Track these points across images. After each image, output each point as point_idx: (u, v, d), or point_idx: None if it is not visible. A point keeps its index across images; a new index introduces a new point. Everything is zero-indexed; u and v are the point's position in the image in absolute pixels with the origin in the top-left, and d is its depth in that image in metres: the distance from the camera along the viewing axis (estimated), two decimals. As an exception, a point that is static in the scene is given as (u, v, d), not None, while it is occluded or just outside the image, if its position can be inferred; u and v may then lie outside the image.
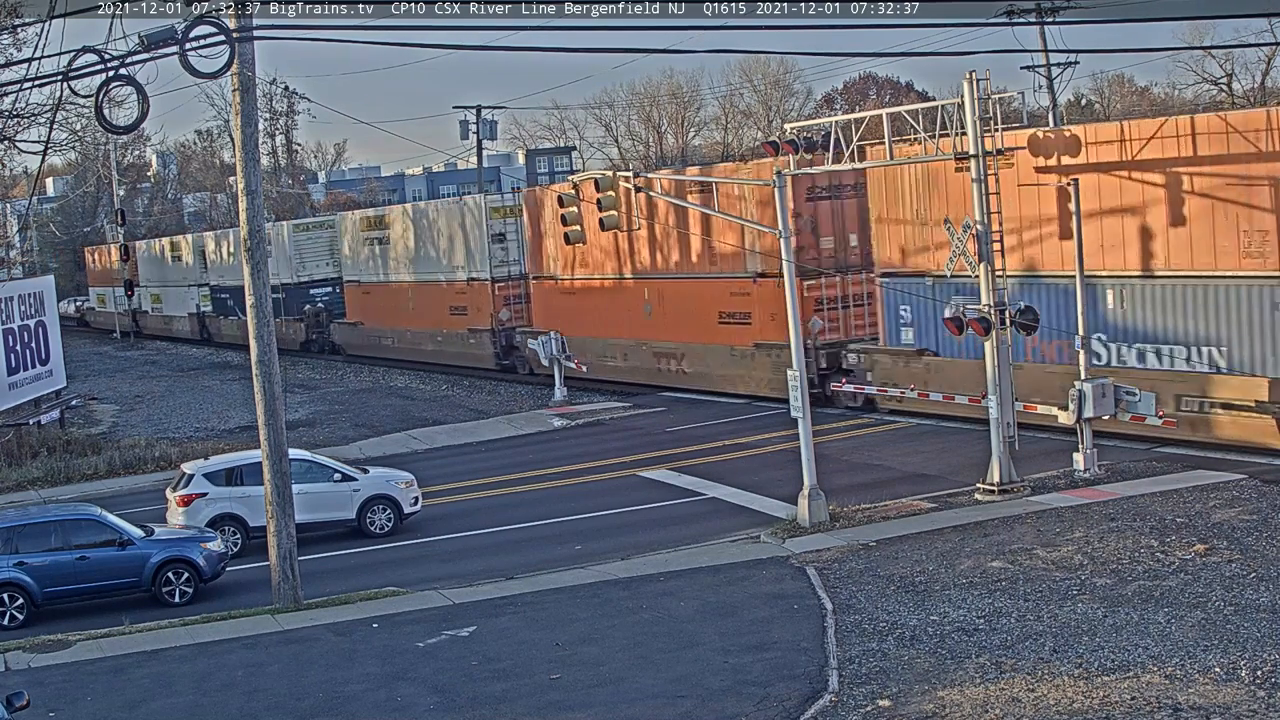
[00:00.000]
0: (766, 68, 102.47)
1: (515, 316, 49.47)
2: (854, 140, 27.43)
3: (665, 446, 34.13)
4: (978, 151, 25.12)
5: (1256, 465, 25.46)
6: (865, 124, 27.41)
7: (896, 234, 33.38)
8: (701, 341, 39.84)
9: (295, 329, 64.82)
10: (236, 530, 26.45)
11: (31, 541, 23.25)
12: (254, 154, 22.01)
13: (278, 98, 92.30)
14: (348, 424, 42.49)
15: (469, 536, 27.06)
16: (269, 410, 22.00)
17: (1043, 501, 24.25)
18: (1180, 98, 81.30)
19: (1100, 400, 25.68)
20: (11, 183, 70.31)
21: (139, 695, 18.14)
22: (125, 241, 79.48)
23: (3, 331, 38.79)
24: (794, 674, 16.72)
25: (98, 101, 18.80)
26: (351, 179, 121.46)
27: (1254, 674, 15.23)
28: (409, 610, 21.08)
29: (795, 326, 25.13)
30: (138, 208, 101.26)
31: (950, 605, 18.82)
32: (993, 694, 15.37)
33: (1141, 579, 19.23)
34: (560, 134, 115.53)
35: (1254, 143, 25.55)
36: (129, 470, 36.36)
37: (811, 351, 34.60)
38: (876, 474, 28.63)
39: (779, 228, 25.28)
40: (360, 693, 17.47)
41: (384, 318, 58.69)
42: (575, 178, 31.23)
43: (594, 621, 19.75)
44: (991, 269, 25.14)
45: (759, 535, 24.21)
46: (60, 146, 68.37)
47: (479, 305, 50.57)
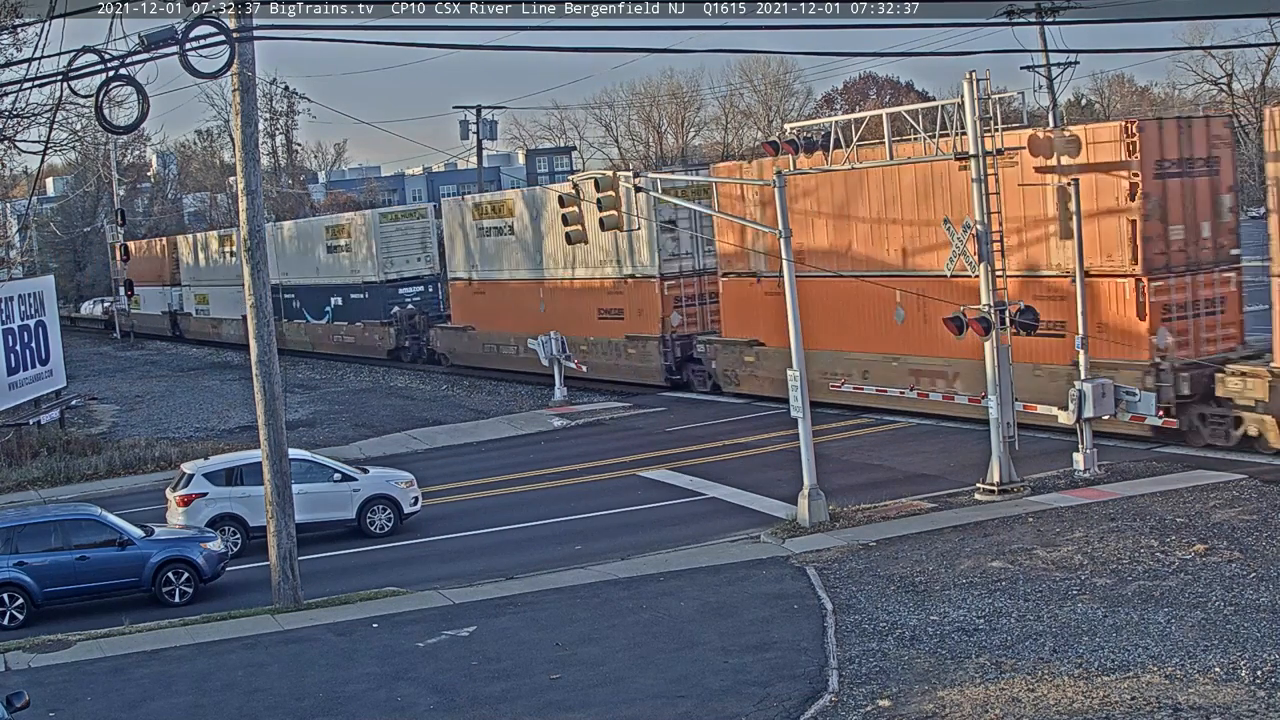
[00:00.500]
0: (766, 68, 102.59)
1: (688, 321, 41.51)
2: (854, 140, 27.44)
3: (665, 446, 34.13)
4: (978, 151, 25.13)
5: (1256, 465, 25.46)
6: (865, 124, 27.41)
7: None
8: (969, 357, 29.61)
9: (382, 334, 57.31)
10: (236, 530, 26.45)
11: (31, 541, 23.25)
12: (254, 154, 22.01)
13: (278, 98, 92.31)
14: (348, 424, 42.48)
15: (469, 536, 27.07)
16: (269, 410, 22.00)
17: (1043, 501, 24.25)
18: (1180, 98, 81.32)
19: (1100, 400, 25.69)
20: (11, 183, 70.17)
21: (139, 695, 18.14)
22: (123, 241, 78.77)
23: (3, 331, 38.80)
24: (794, 674, 16.72)
25: (98, 101, 18.79)
26: (351, 179, 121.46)
27: (1254, 674, 15.23)
28: (409, 610, 21.07)
29: (795, 325, 25.15)
30: (138, 208, 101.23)
31: (950, 605, 18.82)
32: (993, 694, 15.37)
33: (1141, 579, 19.23)
34: (560, 134, 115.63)
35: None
36: (129, 470, 36.37)
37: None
38: (876, 474, 28.63)
39: (778, 227, 25.25)
40: (360, 693, 17.47)
41: (503, 321, 49.20)
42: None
43: (594, 621, 19.75)
44: (991, 269, 25.15)
45: (759, 535, 24.22)
46: (60, 146, 68.31)
47: (641, 307, 41.86)
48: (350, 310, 59.66)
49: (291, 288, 64.36)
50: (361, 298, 58.09)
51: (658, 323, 41.29)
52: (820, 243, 34.63)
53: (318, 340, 62.97)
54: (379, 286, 57.15)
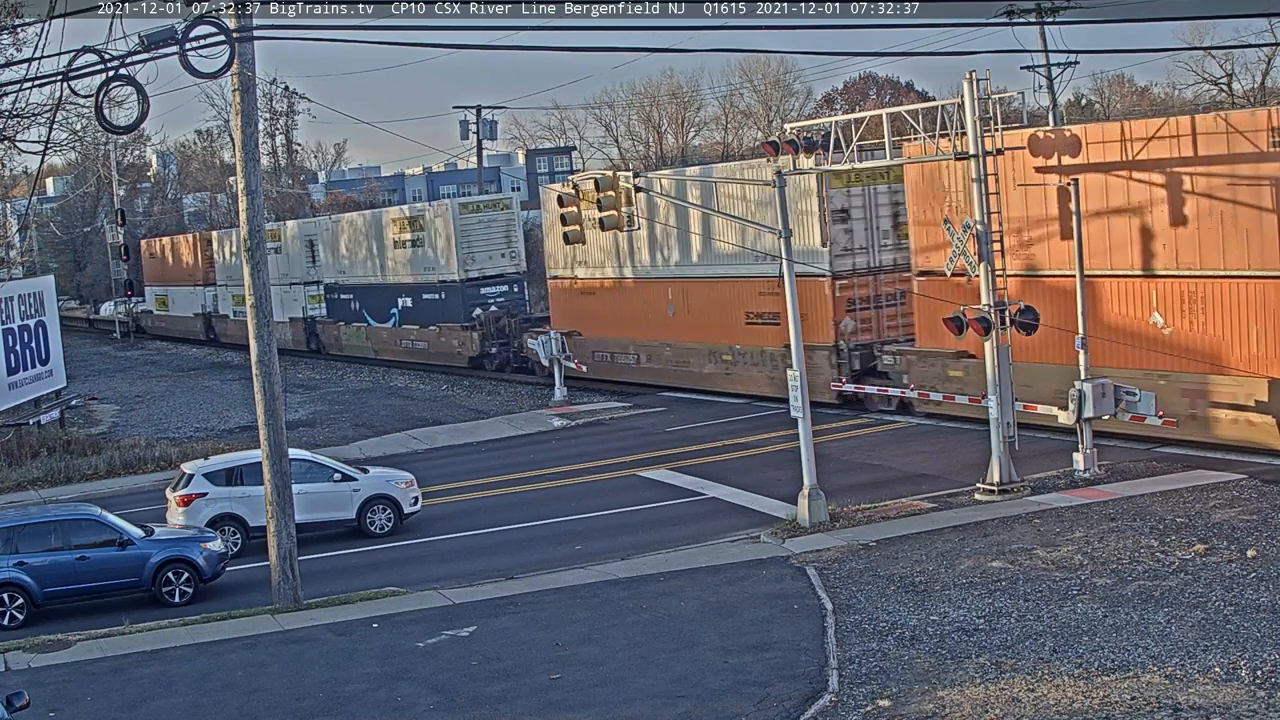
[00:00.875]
0: (766, 68, 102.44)
1: (862, 327, 35.22)
2: (854, 140, 27.44)
3: (665, 446, 34.13)
4: (978, 151, 25.14)
5: (1257, 465, 25.46)
6: (865, 124, 27.41)
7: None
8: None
9: (464, 340, 50.62)
10: (236, 530, 26.45)
11: (31, 541, 23.26)
12: (254, 154, 22.01)
13: (278, 98, 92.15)
14: (348, 424, 42.49)
15: (469, 536, 27.07)
16: (269, 410, 21.99)
17: (1043, 501, 24.25)
18: (1180, 98, 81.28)
19: (1100, 400, 25.69)
20: (11, 183, 70.04)
21: (139, 695, 18.14)
22: (125, 239, 78.65)
23: (3, 331, 38.81)
24: (794, 674, 16.72)
25: (98, 101, 18.79)
26: (351, 179, 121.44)
27: (1254, 674, 15.22)
28: (409, 610, 21.07)
29: (795, 326, 25.16)
30: (138, 208, 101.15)
31: (950, 605, 18.82)
32: (993, 694, 15.36)
33: (1141, 579, 19.23)
34: (560, 134, 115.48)
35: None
36: (129, 470, 36.38)
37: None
38: (876, 474, 28.63)
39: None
40: (360, 693, 17.47)
41: (619, 327, 43.18)
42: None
43: (594, 621, 19.75)
44: (991, 269, 25.15)
45: (759, 535, 24.21)
46: (60, 146, 68.12)
47: (805, 311, 32.22)
48: (422, 312, 53.80)
49: (349, 287, 59.15)
50: (436, 298, 52.31)
51: (828, 328, 34.98)
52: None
53: (382, 346, 57.43)
54: (458, 286, 51.14)
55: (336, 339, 60.80)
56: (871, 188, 34.91)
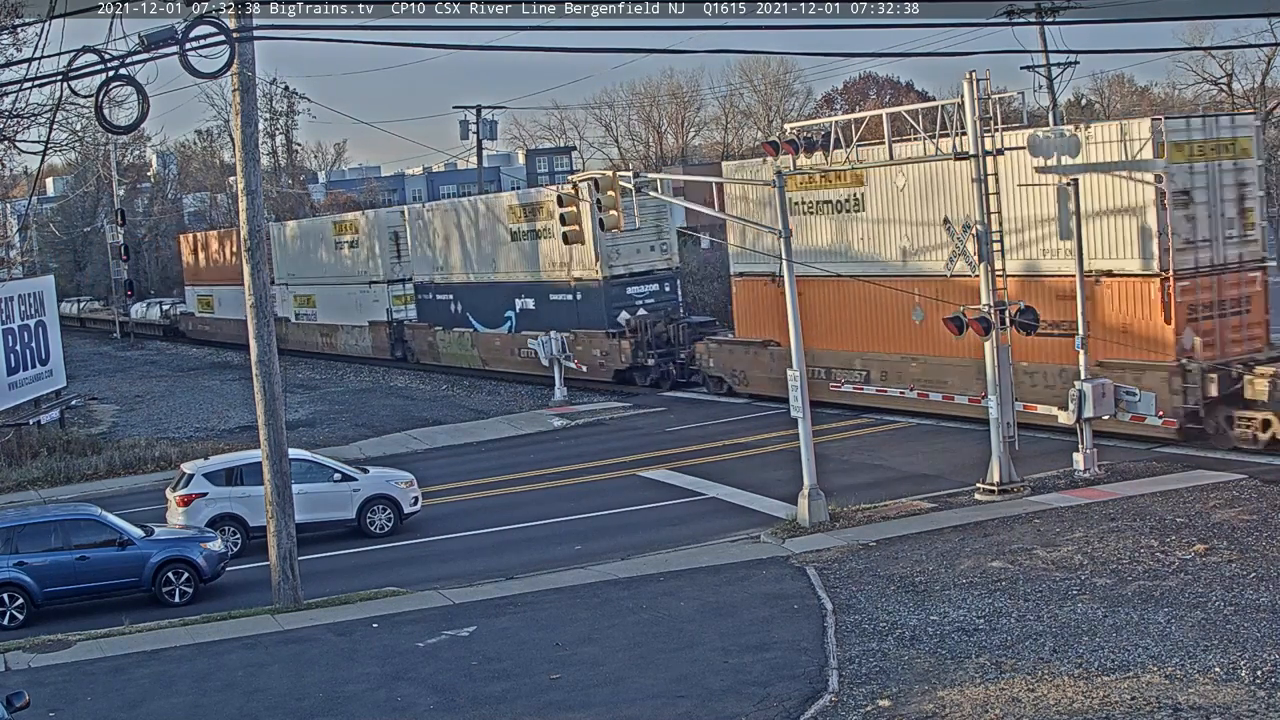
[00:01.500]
0: (766, 68, 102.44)
1: (1206, 342, 27.18)
2: (854, 140, 27.44)
3: (665, 446, 34.13)
4: (978, 151, 25.14)
5: (1256, 465, 25.47)
6: (865, 124, 27.41)
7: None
8: None
9: (608, 349, 42.58)
10: (236, 530, 26.46)
11: (31, 541, 23.26)
12: (254, 154, 22.02)
13: (278, 98, 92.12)
14: (348, 424, 42.49)
15: (469, 536, 27.07)
16: (269, 410, 22.00)
17: (1043, 501, 24.25)
18: (1180, 98, 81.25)
19: (1100, 400, 25.69)
20: (11, 183, 70.01)
21: (139, 695, 18.14)
22: (122, 237, 78.17)
23: (3, 331, 38.81)
24: (794, 674, 16.72)
25: (98, 101, 18.79)
26: (351, 179, 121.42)
27: (1254, 674, 15.23)
28: (409, 610, 21.07)
29: (795, 326, 25.16)
30: (138, 208, 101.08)
31: (950, 605, 18.82)
32: (993, 694, 15.36)
33: (1141, 579, 19.23)
34: (560, 134, 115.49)
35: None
36: (129, 470, 36.39)
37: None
38: (876, 474, 28.63)
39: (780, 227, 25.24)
40: (360, 693, 17.47)
41: (835, 336, 34.80)
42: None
43: (594, 621, 19.75)
44: (991, 269, 25.15)
45: (759, 535, 24.22)
46: (60, 146, 68.14)
47: (1131, 322, 27.49)
48: (547, 316, 45.43)
49: (450, 287, 51.29)
50: (567, 299, 44.39)
51: (1164, 345, 26.98)
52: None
53: (492, 355, 49.17)
54: (597, 286, 43.07)
55: (431, 346, 52.85)
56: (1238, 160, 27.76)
